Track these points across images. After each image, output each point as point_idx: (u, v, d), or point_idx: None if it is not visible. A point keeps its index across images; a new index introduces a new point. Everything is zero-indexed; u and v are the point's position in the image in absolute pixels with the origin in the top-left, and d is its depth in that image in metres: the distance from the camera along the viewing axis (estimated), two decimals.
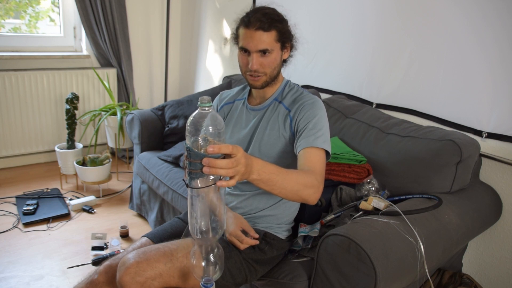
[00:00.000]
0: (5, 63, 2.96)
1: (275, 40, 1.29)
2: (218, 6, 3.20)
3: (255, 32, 1.27)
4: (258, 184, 1.01)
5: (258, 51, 1.29)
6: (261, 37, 1.27)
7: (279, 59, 1.34)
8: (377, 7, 2.03)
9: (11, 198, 2.68)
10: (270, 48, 1.29)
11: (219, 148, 0.84)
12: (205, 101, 0.86)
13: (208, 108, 0.86)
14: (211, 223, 0.91)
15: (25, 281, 1.91)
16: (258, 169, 0.98)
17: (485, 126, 1.69)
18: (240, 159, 0.88)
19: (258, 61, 1.30)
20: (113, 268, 1.30)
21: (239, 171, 0.89)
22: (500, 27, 1.60)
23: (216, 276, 0.94)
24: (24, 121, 3.08)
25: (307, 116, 1.31)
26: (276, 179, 1.03)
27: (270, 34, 1.28)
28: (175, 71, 3.78)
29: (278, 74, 1.39)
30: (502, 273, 1.72)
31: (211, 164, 0.83)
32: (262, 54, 1.30)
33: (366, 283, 1.13)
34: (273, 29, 1.28)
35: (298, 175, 1.12)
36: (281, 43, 1.32)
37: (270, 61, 1.31)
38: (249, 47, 1.28)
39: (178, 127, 2.47)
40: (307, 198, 1.14)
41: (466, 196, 1.58)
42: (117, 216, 2.58)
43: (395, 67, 1.99)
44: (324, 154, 1.26)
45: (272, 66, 1.33)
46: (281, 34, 1.31)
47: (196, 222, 0.90)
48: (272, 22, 1.27)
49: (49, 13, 3.28)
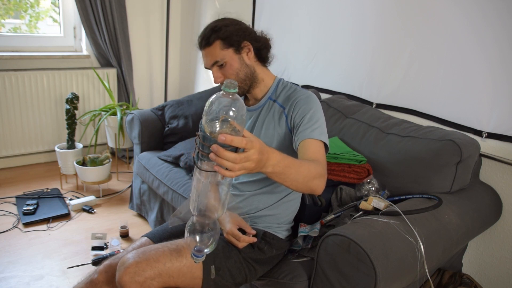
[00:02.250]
0: (5, 63, 2.96)
1: (221, 49, 1.32)
2: (218, 6, 3.20)
3: (203, 51, 1.35)
4: (270, 176, 0.98)
5: (212, 65, 1.34)
6: (208, 53, 1.33)
7: (237, 63, 1.34)
8: (377, 7, 2.03)
9: (11, 198, 2.68)
10: (220, 58, 1.32)
11: (231, 139, 0.79)
12: (232, 86, 0.81)
13: (233, 94, 0.81)
14: (206, 205, 0.89)
15: (25, 281, 1.91)
16: (274, 164, 0.94)
17: (485, 126, 1.69)
18: (251, 156, 0.83)
19: (217, 75, 1.35)
20: (112, 268, 1.30)
21: (246, 168, 0.84)
22: (500, 27, 1.60)
23: (210, 248, 0.91)
24: (24, 121, 3.08)
25: (302, 110, 1.30)
26: (289, 172, 1.00)
27: (214, 46, 1.32)
28: (175, 71, 3.78)
29: (249, 75, 1.38)
30: (502, 273, 1.72)
31: (218, 153, 0.79)
32: (218, 67, 1.34)
33: (366, 283, 1.13)
34: (214, 40, 1.32)
35: (309, 166, 1.09)
36: (232, 47, 1.33)
37: (228, 69, 1.34)
38: (205, 65, 1.37)
39: (178, 127, 2.47)
40: (316, 188, 1.12)
41: (466, 196, 1.58)
42: (117, 216, 2.58)
43: (395, 67, 1.99)
44: (323, 145, 1.25)
45: (233, 73, 1.34)
46: (225, 39, 1.32)
47: (195, 199, 0.88)
48: (210, 34, 1.32)
49: (50, 13, 3.28)
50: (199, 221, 0.91)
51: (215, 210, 0.90)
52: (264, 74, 1.42)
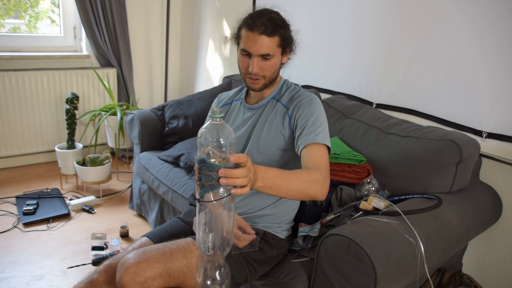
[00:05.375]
0: (5, 63, 2.96)
1: (277, 46, 1.30)
2: (218, 5, 3.20)
3: (259, 36, 1.27)
4: (264, 190, 1.02)
5: (260, 55, 1.29)
6: (264, 41, 1.27)
7: (279, 64, 1.35)
8: (377, 7, 2.03)
9: (11, 198, 2.68)
10: (272, 53, 1.29)
11: (238, 157, 0.85)
12: (217, 112, 0.87)
13: (219, 119, 0.87)
14: (220, 239, 0.90)
15: (25, 281, 1.91)
16: (262, 176, 0.99)
17: (485, 126, 1.69)
18: (251, 167, 0.91)
19: (258, 65, 1.30)
20: (113, 268, 1.30)
21: (251, 179, 0.91)
22: (500, 27, 1.60)
23: None
24: (24, 121, 3.08)
25: (306, 113, 1.31)
26: (280, 183, 1.04)
27: (273, 40, 1.28)
28: (175, 71, 3.78)
29: (276, 77, 1.39)
30: (502, 273, 1.72)
31: (228, 175, 0.83)
32: (263, 58, 1.30)
33: (366, 283, 1.13)
34: (277, 34, 1.28)
35: (301, 174, 1.12)
36: (282, 48, 1.33)
37: (271, 66, 1.32)
38: (251, 50, 1.28)
39: (178, 127, 2.47)
40: (315, 194, 1.14)
41: (466, 196, 1.58)
42: (117, 216, 2.58)
43: (395, 67, 1.99)
44: (326, 149, 1.27)
45: (271, 70, 1.34)
46: (284, 39, 1.31)
47: (207, 237, 0.90)
48: (276, 28, 1.28)
49: (49, 13, 3.28)
50: (209, 262, 0.92)
51: (227, 243, 0.92)
52: (278, 77, 1.44)
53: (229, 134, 0.87)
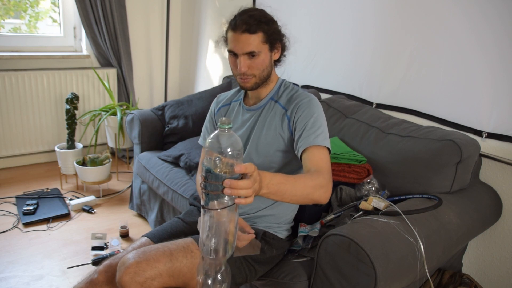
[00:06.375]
0: (5, 63, 2.96)
1: (262, 42, 1.30)
2: (218, 5, 3.20)
3: (241, 35, 1.28)
4: (268, 196, 1.02)
5: (245, 53, 1.29)
6: (247, 39, 1.28)
7: (268, 60, 1.34)
8: (377, 7, 2.03)
9: (11, 198, 2.68)
10: (257, 50, 1.29)
11: (245, 168, 0.86)
12: (226, 122, 0.87)
13: (228, 129, 0.88)
14: (223, 243, 0.91)
15: (25, 281, 1.91)
16: (267, 183, 0.99)
17: (485, 126, 1.69)
18: (256, 177, 0.91)
19: (246, 64, 1.31)
20: (113, 268, 1.30)
21: (256, 189, 0.92)
22: (500, 27, 1.60)
23: None
24: (24, 121, 3.08)
25: (305, 115, 1.31)
26: (285, 189, 1.05)
27: (256, 36, 1.28)
28: (175, 71, 3.78)
29: (269, 74, 1.38)
30: (502, 273, 1.72)
31: (232, 186, 0.84)
32: (249, 56, 1.30)
33: (366, 283, 1.13)
34: (259, 31, 1.28)
35: (305, 179, 1.12)
36: (269, 44, 1.32)
37: (258, 63, 1.32)
38: (236, 50, 1.30)
39: (178, 127, 2.47)
40: (319, 199, 1.15)
41: (466, 196, 1.58)
42: (117, 216, 2.58)
43: (395, 67, 1.99)
44: (327, 151, 1.27)
45: (260, 68, 1.33)
46: (268, 35, 1.31)
47: (209, 242, 0.91)
48: (258, 24, 1.28)
49: (49, 13, 3.28)
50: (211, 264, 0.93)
51: (229, 247, 0.93)
52: (273, 75, 1.43)
53: (236, 144, 0.88)
